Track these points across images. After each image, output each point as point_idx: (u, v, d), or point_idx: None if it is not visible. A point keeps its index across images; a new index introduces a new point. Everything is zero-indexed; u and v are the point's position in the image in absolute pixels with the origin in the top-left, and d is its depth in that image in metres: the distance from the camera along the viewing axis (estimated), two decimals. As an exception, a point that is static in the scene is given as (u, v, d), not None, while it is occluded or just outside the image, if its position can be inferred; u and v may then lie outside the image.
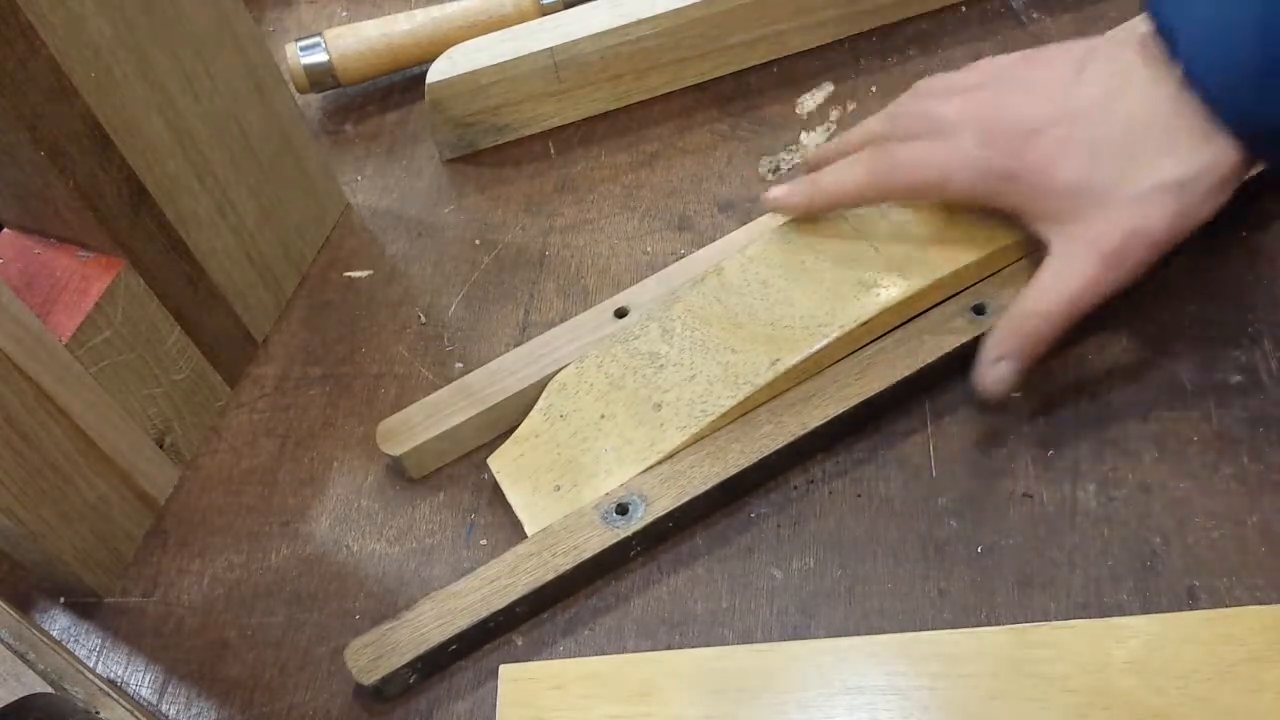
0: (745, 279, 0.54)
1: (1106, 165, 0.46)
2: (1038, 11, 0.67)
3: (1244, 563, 0.46)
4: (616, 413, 0.51)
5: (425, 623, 0.47)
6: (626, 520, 0.48)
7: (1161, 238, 0.46)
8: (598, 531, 0.48)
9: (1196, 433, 0.50)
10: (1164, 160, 0.45)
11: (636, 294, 0.56)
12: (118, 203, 0.49)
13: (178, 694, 0.49)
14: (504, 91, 0.65)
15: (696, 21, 0.65)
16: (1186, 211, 0.46)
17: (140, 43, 0.48)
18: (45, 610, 0.52)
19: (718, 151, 0.65)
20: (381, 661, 0.46)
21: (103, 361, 0.50)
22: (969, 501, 0.49)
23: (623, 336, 0.53)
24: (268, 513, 0.54)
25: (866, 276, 0.52)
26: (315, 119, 0.70)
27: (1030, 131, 0.48)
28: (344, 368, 0.59)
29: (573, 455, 0.51)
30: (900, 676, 0.42)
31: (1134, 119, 0.46)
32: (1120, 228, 0.46)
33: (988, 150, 0.49)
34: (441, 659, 0.47)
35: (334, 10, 0.77)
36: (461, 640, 0.47)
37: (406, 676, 0.47)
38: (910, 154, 0.51)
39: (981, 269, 0.53)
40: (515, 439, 0.52)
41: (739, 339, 0.52)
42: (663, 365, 0.52)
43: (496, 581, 0.47)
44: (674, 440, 0.50)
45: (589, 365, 0.53)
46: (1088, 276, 0.47)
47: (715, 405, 0.50)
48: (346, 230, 0.65)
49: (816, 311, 0.52)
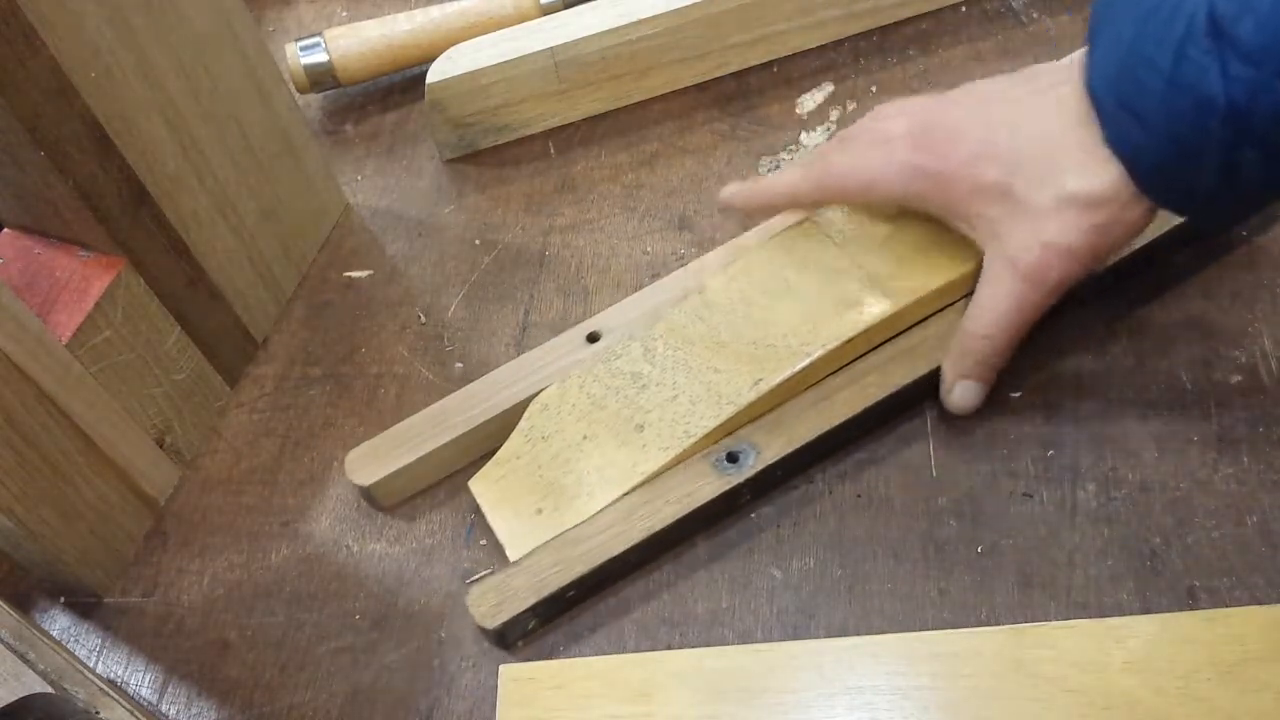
0: (728, 297, 0.53)
1: (1025, 174, 0.47)
2: (1037, 11, 0.67)
3: (1244, 563, 0.46)
4: (599, 434, 0.51)
5: (544, 568, 0.47)
6: (738, 468, 0.49)
7: (1078, 251, 0.46)
8: (709, 480, 0.49)
9: (1196, 433, 0.50)
10: (1074, 175, 0.45)
11: (611, 317, 0.56)
12: (118, 203, 0.49)
13: (178, 694, 0.49)
14: (504, 91, 0.65)
15: (696, 21, 0.65)
16: (1101, 227, 0.45)
17: (140, 43, 0.48)
18: (45, 610, 0.52)
19: (718, 151, 0.65)
20: (504, 606, 0.47)
21: (103, 361, 0.50)
22: (969, 501, 0.49)
23: (605, 356, 0.53)
24: (268, 513, 0.54)
25: (850, 294, 0.52)
26: (315, 119, 0.70)
27: (957, 134, 0.49)
28: (344, 368, 0.59)
29: (555, 477, 0.50)
30: (900, 676, 0.42)
31: (1050, 133, 0.46)
32: (1038, 240, 0.46)
33: (916, 154, 0.50)
34: (560, 604, 0.48)
35: (334, 10, 0.77)
36: (580, 586, 0.48)
37: (527, 621, 0.47)
38: (843, 159, 0.53)
39: (965, 285, 0.52)
40: (496, 461, 0.52)
41: (722, 358, 0.51)
42: (645, 385, 0.52)
43: (613, 529, 0.48)
44: (656, 461, 0.49)
45: (571, 385, 0.52)
46: (1015, 295, 0.48)
47: (698, 425, 0.50)
48: (346, 230, 0.65)
49: (800, 330, 0.51)
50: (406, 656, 0.49)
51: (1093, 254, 0.46)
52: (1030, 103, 0.48)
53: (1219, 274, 0.54)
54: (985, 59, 0.66)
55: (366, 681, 0.48)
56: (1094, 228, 0.45)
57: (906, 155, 0.50)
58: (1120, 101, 0.43)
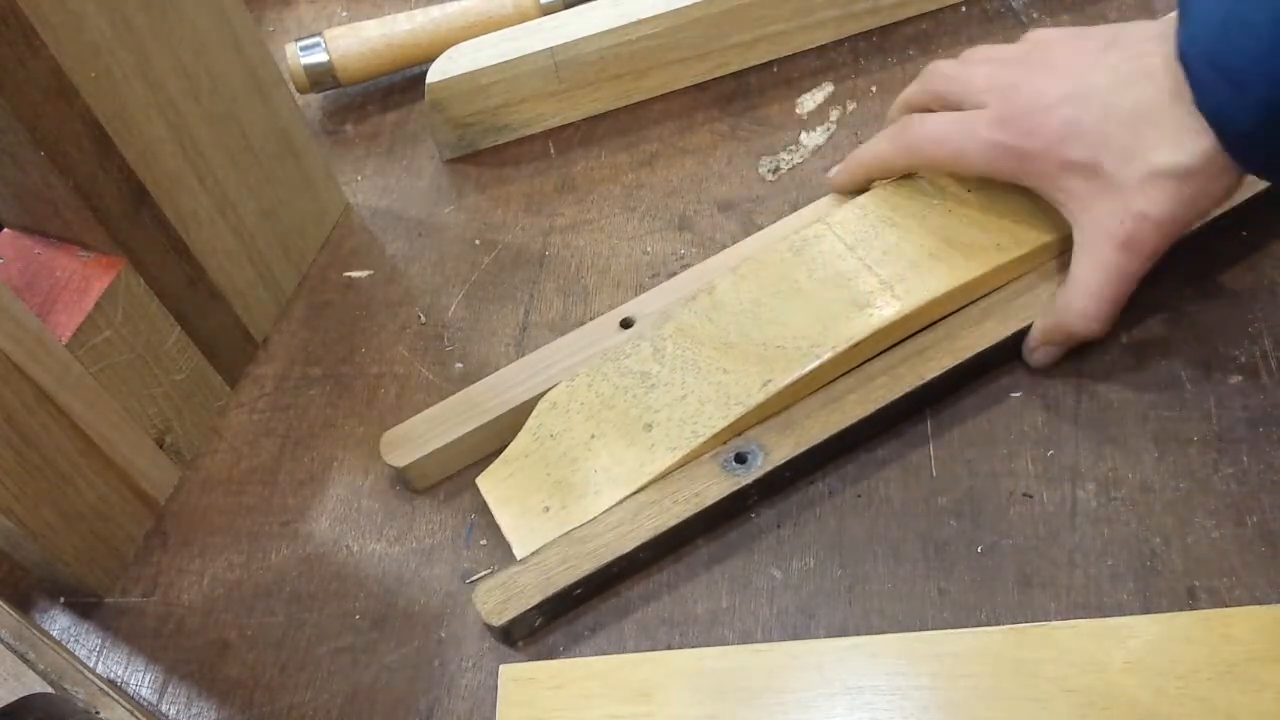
0: (738, 298, 0.53)
1: (1113, 152, 0.47)
2: (1037, 11, 0.67)
3: (1244, 563, 0.46)
4: (607, 433, 0.51)
5: (551, 566, 0.48)
6: (746, 469, 0.49)
7: (1167, 223, 0.47)
8: (717, 480, 0.49)
9: (1196, 433, 0.50)
10: (1163, 150, 0.46)
11: (646, 303, 0.56)
12: (118, 203, 0.49)
13: (178, 694, 0.49)
14: (504, 91, 0.65)
15: (697, 22, 0.65)
16: (1189, 200, 0.46)
17: (140, 42, 0.48)
18: (45, 610, 0.52)
19: (718, 151, 0.65)
20: (510, 603, 0.47)
21: (103, 361, 0.50)
22: (969, 501, 0.49)
23: (614, 355, 0.53)
24: (268, 513, 0.54)
25: (860, 296, 0.52)
26: (315, 119, 0.70)
27: (1042, 109, 0.49)
28: (344, 368, 0.59)
29: (562, 475, 0.50)
30: (900, 676, 0.42)
31: (1139, 105, 0.47)
32: (1129, 212, 0.47)
33: (1000, 132, 0.50)
34: (566, 602, 0.48)
35: (334, 10, 0.77)
36: (586, 584, 0.48)
37: (533, 619, 0.48)
38: (927, 131, 0.53)
39: (977, 287, 0.52)
40: (504, 459, 0.52)
41: (731, 359, 0.51)
42: (654, 385, 0.51)
43: (620, 527, 0.48)
44: (664, 461, 0.49)
45: (580, 384, 0.52)
46: (1111, 267, 0.48)
47: (706, 426, 0.50)
48: (346, 230, 0.65)
49: (809, 331, 0.51)
50: (406, 656, 0.49)
51: (1181, 224, 0.47)
52: (1118, 74, 0.48)
53: (1219, 274, 0.54)
54: (985, 59, 0.66)
55: (366, 681, 0.48)
56: (1182, 200, 0.46)
57: (991, 133, 0.50)
58: (1215, 66, 0.43)
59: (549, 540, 0.48)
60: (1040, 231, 0.53)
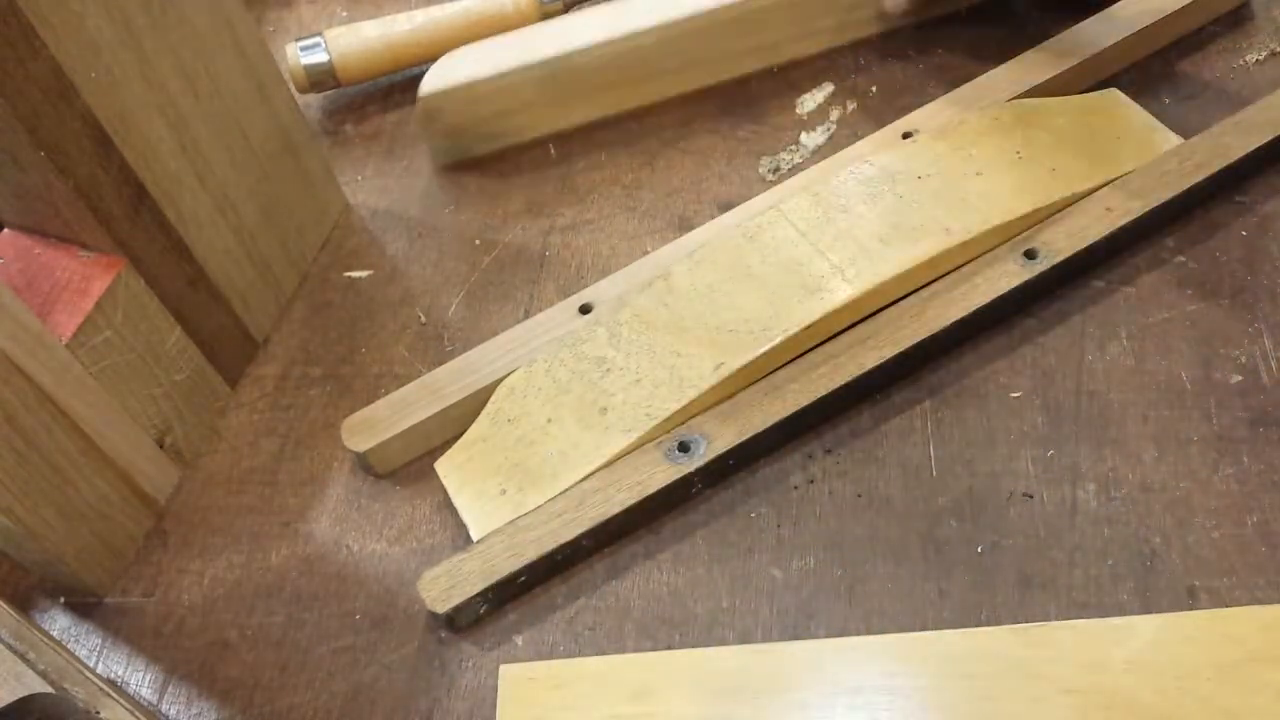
0: (693, 284, 0.54)
1: None
2: (1038, 11, 0.67)
3: (1244, 563, 0.46)
4: (563, 416, 0.52)
5: (496, 554, 0.48)
6: (689, 457, 0.49)
7: None
8: (661, 468, 0.49)
9: (1196, 433, 0.50)
10: None
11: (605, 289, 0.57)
12: (118, 203, 0.49)
13: (178, 694, 0.49)
14: (499, 102, 0.65)
15: (694, 33, 0.65)
16: None
17: (140, 43, 0.48)
18: (45, 610, 0.52)
19: (718, 152, 0.65)
20: (454, 591, 0.47)
21: (103, 361, 0.50)
22: (969, 501, 0.49)
23: (571, 341, 0.54)
24: (268, 513, 0.54)
25: (811, 280, 0.53)
26: (315, 119, 0.70)
27: None
28: (344, 368, 0.59)
29: (519, 459, 0.51)
30: (900, 676, 0.42)
31: None
32: None
33: None
34: (511, 590, 0.48)
35: (334, 10, 0.77)
36: (531, 572, 0.48)
37: (478, 606, 0.48)
38: None
39: (927, 271, 0.53)
40: (462, 444, 0.53)
41: (685, 343, 0.52)
42: (609, 369, 0.52)
43: (564, 515, 0.49)
44: (619, 444, 0.50)
45: (538, 369, 0.53)
46: None
47: (660, 409, 0.50)
48: (346, 230, 0.65)
49: (761, 315, 0.52)
50: (406, 656, 0.49)
51: None
52: None
53: (1219, 274, 0.54)
54: (986, 60, 0.66)
55: (366, 681, 0.48)
56: None
57: None
58: None
59: (511, 518, 0.49)
60: (988, 216, 0.54)
